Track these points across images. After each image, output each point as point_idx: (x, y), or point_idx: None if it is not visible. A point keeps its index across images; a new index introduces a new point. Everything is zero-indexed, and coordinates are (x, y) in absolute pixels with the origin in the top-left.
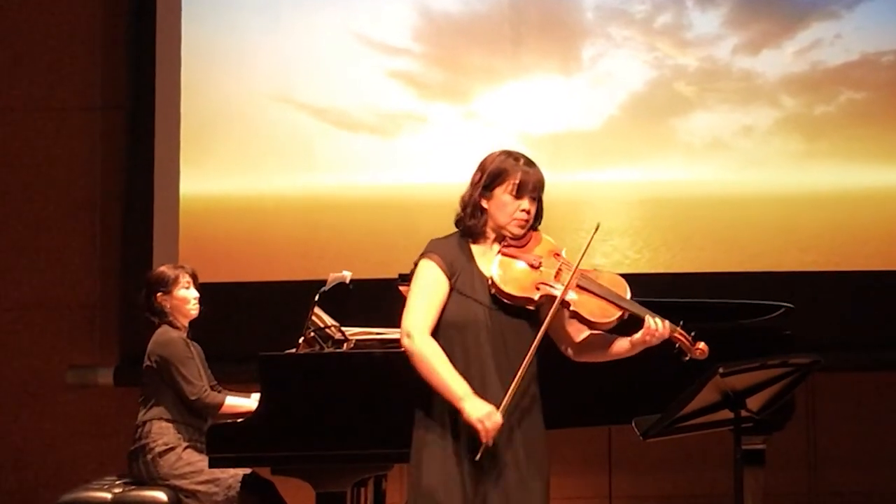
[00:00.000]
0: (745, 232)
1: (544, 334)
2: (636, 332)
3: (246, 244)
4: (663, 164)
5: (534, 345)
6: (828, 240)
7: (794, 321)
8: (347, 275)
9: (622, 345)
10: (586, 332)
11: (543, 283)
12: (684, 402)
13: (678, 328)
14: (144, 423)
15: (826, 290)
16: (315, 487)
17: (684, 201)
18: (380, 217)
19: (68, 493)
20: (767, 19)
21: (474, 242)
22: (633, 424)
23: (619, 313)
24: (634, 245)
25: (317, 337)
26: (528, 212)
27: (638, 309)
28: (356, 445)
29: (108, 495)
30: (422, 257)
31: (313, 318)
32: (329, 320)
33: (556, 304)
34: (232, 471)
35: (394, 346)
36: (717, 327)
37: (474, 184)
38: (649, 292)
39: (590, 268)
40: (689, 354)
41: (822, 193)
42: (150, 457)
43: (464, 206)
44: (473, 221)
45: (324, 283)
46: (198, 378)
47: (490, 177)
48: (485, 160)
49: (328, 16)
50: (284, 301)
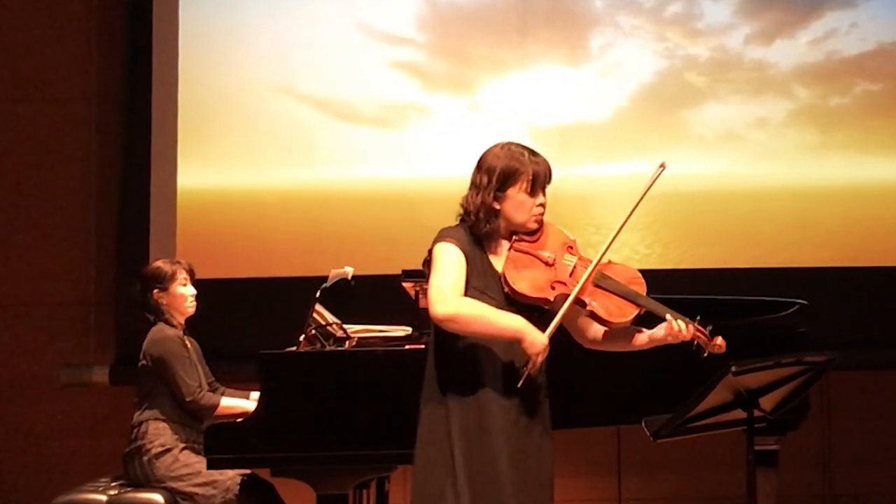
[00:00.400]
0: (759, 226)
1: (556, 330)
2: (654, 326)
3: (245, 239)
4: (674, 157)
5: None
6: (843, 234)
7: (809, 318)
8: (349, 270)
9: (640, 339)
10: (598, 330)
11: (559, 282)
12: (696, 402)
13: (695, 324)
14: (140, 423)
15: (842, 287)
16: (316, 489)
17: (696, 195)
18: (383, 211)
19: (62, 494)
20: (781, 8)
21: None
22: (642, 424)
23: (637, 311)
24: (644, 240)
25: (318, 335)
26: (543, 205)
27: (657, 307)
28: (358, 446)
29: (102, 497)
30: (438, 241)
31: (314, 315)
32: (330, 317)
33: (569, 303)
34: (230, 472)
35: (397, 345)
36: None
37: (483, 187)
38: (660, 289)
39: (604, 260)
40: (707, 350)
41: (838, 187)
42: (146, 458)
43: (475, 212)
44: (489, 227)
45: (325, 279)
46: (193, 378)
47: (500, 178)
48: (486, 159)
49: (330, 4)
50: (285, 298)
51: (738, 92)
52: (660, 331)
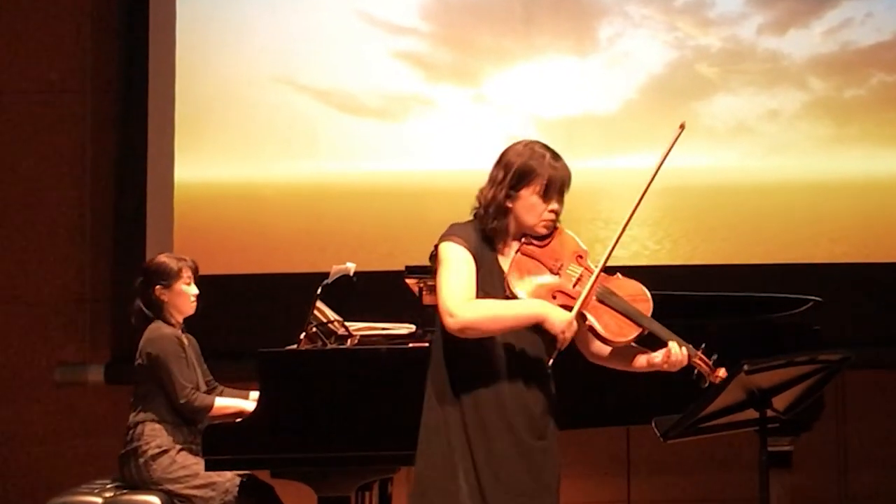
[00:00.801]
0: (771, 221)
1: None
2: (655, 349)
3: (244, 234)
4: (684, 150)
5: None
6: (858, 230)
7: (823, 315)
8: (351, 267)
9: (639, 362)
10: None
11: (561, 292)
12: (707, 401)
13: (699, 353)
14: (136, 424)
15: (857, 283)
16: (317, 491)
17: (706, 189)
18: (385, 205)
19: (57, 496)
20: None
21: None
22: (652, 425)
23: (638, 332)
24: (654, 235)
25: (319, 332)
26: (556, 212)
27: (661, 330)
28: (360, 447)
29: (98, 500)
30: (445, 240)
31: (315, 312)
32: (332, 315)
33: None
34: (229, 474)
35: (400, 342)
36: (742, 322)
37: (497, 182)
38: (669, 285)
39: (611, 271)
40: (707, 381)
41: (853, 181)
42: (142, 460)
43: (486, 207)
44: (496, 224)
45: (326, 275)
46: (188, 379)
47: (516, 176)
48: (507, 155)
49: None
50: (285, 294)
51: (751, 83)
52: (658, 356)
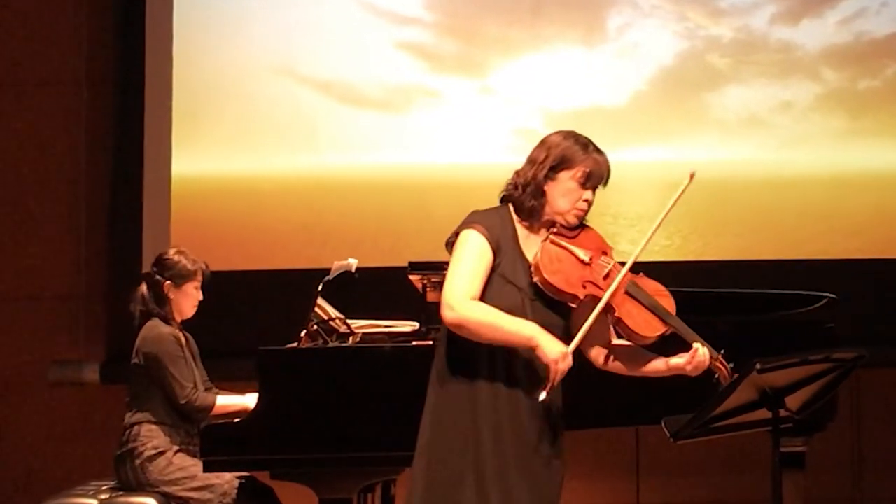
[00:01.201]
0: (784, 216)
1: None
2: (673, 352)
3: (243, 229)
4: (695, 143)
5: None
6: (874, 224)
7: (838, 313)
8: (353, 263)
9: (657, 365)
10: (617, 341)
11: (591, 283)
12: (718, 401)
13: (720, 356)
14: (132, 425)
15: (872, 280)
16: (318, 493)
17: (718, 183)
18: (388, 200)
19: (51, 498)
20: None
21: (522, 222)
22: (662, 425)
23: (664, 330)
24: (664, 231)
25: (320, 330)
26: (589, 202)
27: (686, 331)
28: (362, 447)
29: (94, 501)
30: (465, 227)
31: (316, 309)
32: (333, 312)
33: (599, 308)
34: (228, 476)
35: (403, 341)
36: (755, 320)
37: (538, 163)
38: (681, 282)
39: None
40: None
41: (868, 174)
42: (138, 461)
43: (524, 185)
44: (533, 203)
45: (327, 271)
46: (187, 379)
47: (558, 158)
48: (551, 138)
49: None
50: (285, 291)
51: (763, 74)
52: (681, 359)
